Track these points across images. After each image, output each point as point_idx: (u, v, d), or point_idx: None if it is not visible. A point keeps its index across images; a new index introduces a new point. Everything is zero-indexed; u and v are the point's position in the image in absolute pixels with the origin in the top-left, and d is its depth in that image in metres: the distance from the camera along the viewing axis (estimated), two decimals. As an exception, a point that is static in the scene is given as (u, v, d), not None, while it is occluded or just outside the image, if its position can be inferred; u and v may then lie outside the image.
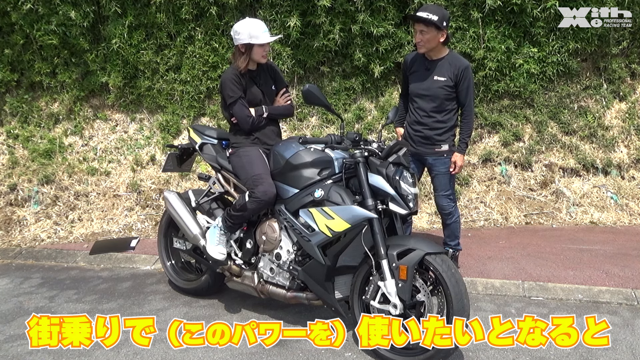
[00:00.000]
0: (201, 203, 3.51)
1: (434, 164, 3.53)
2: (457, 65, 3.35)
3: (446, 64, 3.37)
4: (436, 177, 3.58)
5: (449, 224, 3.69)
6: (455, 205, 3.69)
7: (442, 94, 3.37)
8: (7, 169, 5.81)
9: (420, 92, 3.43)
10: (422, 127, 3.45)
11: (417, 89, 3.45)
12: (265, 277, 3.14)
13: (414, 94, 3.48)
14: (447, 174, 3.54)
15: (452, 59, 3.39)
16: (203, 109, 5.78)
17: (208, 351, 2.89)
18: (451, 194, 3.63)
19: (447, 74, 3.36)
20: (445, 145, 3.49)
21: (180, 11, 5.47)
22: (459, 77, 3.35)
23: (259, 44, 3.10)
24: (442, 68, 3.37)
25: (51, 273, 4.32)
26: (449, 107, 3.43)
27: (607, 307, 3.33)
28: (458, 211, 3.72)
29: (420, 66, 3.45)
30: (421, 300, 2.58)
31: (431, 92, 3.39)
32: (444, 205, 3.62)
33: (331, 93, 5.61)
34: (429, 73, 3.40)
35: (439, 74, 3.37)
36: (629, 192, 5.18)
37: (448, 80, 3.35)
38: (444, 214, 3.66)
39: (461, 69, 3.34)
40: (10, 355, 2.93)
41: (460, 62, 3.37)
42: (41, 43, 5.74)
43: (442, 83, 3.36)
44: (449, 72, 3.35)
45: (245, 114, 3.17)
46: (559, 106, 5.46)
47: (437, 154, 3.49)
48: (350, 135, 2.83)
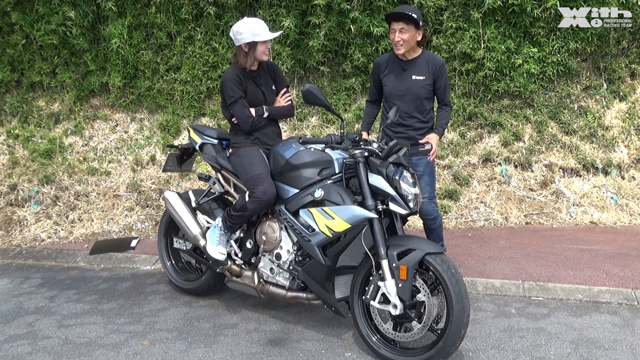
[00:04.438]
0: (201, 203, 3.51)
1: (417, 164, 3.42)
2: (434, 62, 3.36)
3: (423, 62, 3.36)
4: (419, 178, 3.40)
5: (434, 228, 3.57)
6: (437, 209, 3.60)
7: (423, 93, 3.35)
8: (7, 169, 5.80)
9: (400, 93, 3.37)
10: (404, 128, 3.39)
11: (396, 91, 3.39)
12: (265, 277, 3.14)
13: (392, 97, 3.40)
14: (431, 174, 3.48)
15: (428, 58, 3.39)
16: (203, 109, 5.79)
17: (208, 351, 2.89)
18: (434, 197, 3.56)
19: (425, 73, 3.34)
20: (427, 145, 3.43)
21: (180, 11, 5.47)
22: (436, 74, 3.35)
23: (262, 41, 3.11)
24: (419, 67, 3.36)
25: (51, 273, 4.32)
26: (428, 106, 3.41)
27: (607, 307, 3.33)
28: (440, 214, 3.65)
29: (395, 67, 3.40)
30: (421, 300, 2.58)
31: (411, 92, 3.35)
32: (429, 210, 3.49)
33: (331, 93, 5.61)
34: (407, 73, 3.37)
35: (417, 73, 3.35)
36: (629, 192, 5.18)
37: (427, 78, 3.34)
38: (429, 219, 3.53)
39: (438, 66, 3.35)
40: (10, 355, 2.93)
41: (437, 59, 3.40)
42: (41, 43, 5.75)
43: (422, 82, 3.34)
44: (426, 70, 3.34)
45: (245, 114, 3.17)
46: (559, 106, 5.46)
47: (420, 153, 3.35)
48: (350, 135, 2.83)
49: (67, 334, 3.16)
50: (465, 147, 5.41)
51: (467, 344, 2.85)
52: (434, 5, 5.07)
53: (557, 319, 3.16)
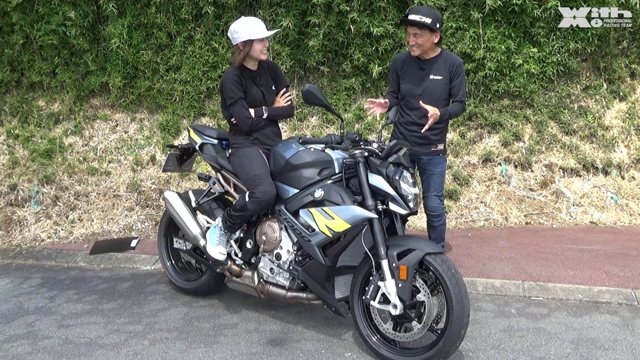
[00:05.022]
0: (201, 203, 3.51)
1: (428, 163, 3.51)
2: (452, 62, 3.40)
3: (441, 62, 3.40)
4: (430, 177, 3.57)
5: (437, 226, 3.65)
6: (444, 207, 3.68)
7: (440, 93, 3.39)
8: (7, 169, 5.80)
9: (417, 92, 3.40)
10: (419, 127, 3.40)
11: (413, 90, 3.42)
12: (265, 277, 3.14)
13: (409, 95, 3.45)
14: (441, 174, 3.56)
15: (446, 57, 3.42)
16: (203, 109, 5.78)
17: (208, 351, 2.89)
18: (442, 195, 3.63)
19: (443, 72, 3.38)
20: (441, 145, 3.52)
21: (179, 11, 5.47)
22: (453, 74, 3.39)
23: (258, 39, 3.10)
24: (437, 67, 3.39)
25: (51, 273, 4.32)
26: (444, 106, 3.42)
27: (607, 307, 3.33)
28: (444, 213, 3.71)
29: (414, 67, 3.44)
30: (421, 300, 2.58)
31: (428, 92, 3.38)
32: (435, 206, 3.58)
33: (331, 93, 5.61)
34: (424, 73, 3.40)
35: (436, 73, 3.38)
36: (629, 192, 5.18)
37: (445, 78, 3.38)
38: (433, 216, 3.62)
39: (455, 66, 3.39)
40: (10, 355, 2.93)
41: (455, 59, 3.43)
42: (41, 43, 5.74)
43: (440, 82, 3.38)
44: (444, 70, 3.38)
45: (244, 115, 3.17)
46: (559, 106, 5.46)
47: (433, 154, 3.50)
48: (350, 135, 2.84)
49: (67, 334, 3.16)
50: (465, 147, 5.41)
51: (467, 344, 2.85)
52: (434, 6, 5.07)
53: (557, 319, 3.16)
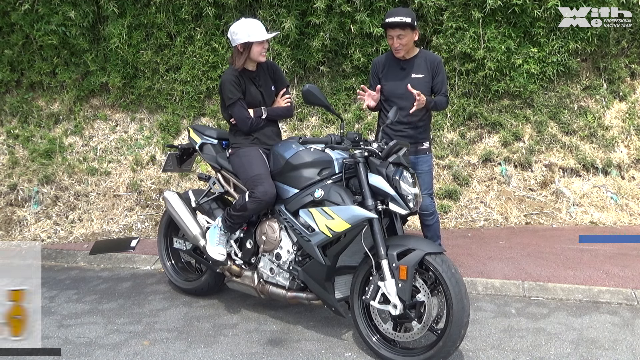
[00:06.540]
0: (201, 203, 3.51)
1: (416, 162, 3.49)
2: (432, 60, 3.43)
3: (421, 60, 3.43)
4: (419, 176, 3.52)
5: (431, 224, 3.64)
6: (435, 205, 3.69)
7: (423, 90, 3.35)
8: (7, 169, 5.80)
9: (400, 92, 3.39)
10: (405, 126, 3.42)
11: (396, 90, 3.41)
12: (265, 277, 3.14)
13: (392, 96, 3.44)
14: (430, 172, 3.59)
15: (425, 56, 3.46)
16: (203, 109, 5.78)
17: (208, 351, 2.89)
18: (432, 193, 3.66)
19: (424, 71, 3.41)
20: (426, 143, 3.53)
21: (180, 11, 5.47)
22: (434, 71, 3.42)
23: (257, 41, 3.10)
24: (418, 65, 3.42)
25: (51, 273, 4.32)
26: None
27: (607, 307, 3.33)
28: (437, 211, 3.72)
29: (395, 67, 3.45)
30: (421, 300, 2.58)
31: None
32: (427, 204, 3.56)
33: (331, 93, 5.61)
34: (406, 72, 3.42)
35: (417, 72, 3.41)
36: (629, 192, 5.18)
37: (426, 76, 3.41)
38: (426, 215, 3.60)
39: (436, 63, 3.43)
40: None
41: (434, 57, 3.48)
42: (41, 43, 5.74)
43: (422, 80, 3.40)
44: (425, 68, 3.41)
45: (244, 115, 3.17)
46: (559, 106, 5.46)
47: (420, 152, 3.50)
48: (350, 135, 2.84)
49: (67, 334, 3.16)
50: (465, 147, 5.41)
51: (467, 344, 2.85)
52: (434, 5, 5.07)
53: (557, 319, 3.16)
